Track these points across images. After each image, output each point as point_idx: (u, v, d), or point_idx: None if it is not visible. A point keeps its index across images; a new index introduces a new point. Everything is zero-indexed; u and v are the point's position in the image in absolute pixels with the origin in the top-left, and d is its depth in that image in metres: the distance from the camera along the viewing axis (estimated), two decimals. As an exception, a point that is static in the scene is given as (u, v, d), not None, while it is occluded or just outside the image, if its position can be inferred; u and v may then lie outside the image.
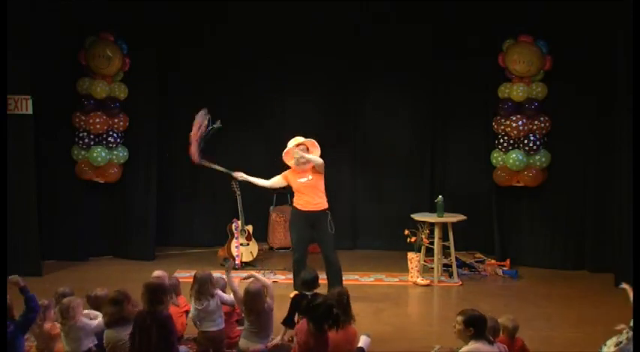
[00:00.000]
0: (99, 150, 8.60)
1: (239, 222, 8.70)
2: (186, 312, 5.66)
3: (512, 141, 8.59)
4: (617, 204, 7.83)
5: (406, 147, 9.71)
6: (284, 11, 9.23)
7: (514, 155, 8.49)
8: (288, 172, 7.20)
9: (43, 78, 8.15)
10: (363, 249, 9.71)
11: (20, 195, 7.82)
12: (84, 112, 8.58)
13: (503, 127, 8.60)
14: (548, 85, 8.45)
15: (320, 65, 9.55)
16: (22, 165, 7.90)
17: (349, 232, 9.66)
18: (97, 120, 8.55)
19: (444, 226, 7.96)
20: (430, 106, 9.50)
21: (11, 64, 7.25)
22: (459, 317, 4.28)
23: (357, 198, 9.82)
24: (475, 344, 4.20)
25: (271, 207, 9.77)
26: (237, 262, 8.51)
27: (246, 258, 8.70)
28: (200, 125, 6.81)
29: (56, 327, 5.00)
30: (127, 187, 9.00)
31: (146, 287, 4.74)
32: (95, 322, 4.95)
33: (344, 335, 4.73)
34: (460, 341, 4.32)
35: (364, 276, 8.24)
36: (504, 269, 8.40)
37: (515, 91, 8.46)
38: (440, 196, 8.05)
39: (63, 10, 8.27)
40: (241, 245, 8.66)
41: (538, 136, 8.50)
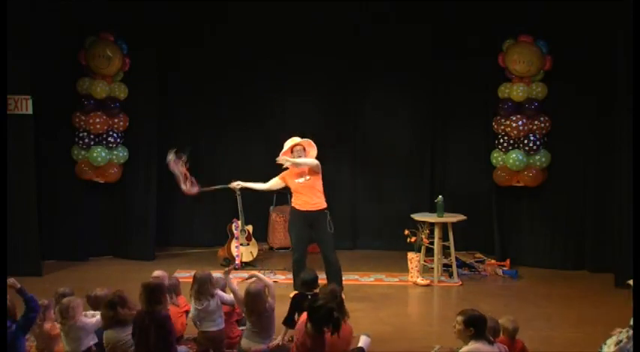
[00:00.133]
0: (99, 150, 8.60)
1: (239, 222, 8.70)
2: (186, 312, 5.65)
3: (512, 141, 8.59)
4: (617, 204, 7.83)
5: (406, 147, 9.71)
6: (284, 11, 9.23)
7: (514, 155, 8.49)
8: (285, 173, 7.21)
9: (43, 78, 8.15)
10: (363, 249, 9.71)
11: (20, 195, 7.82)
12: (84, 112, 8.58)
13: (503, 127, 8.60)
14: (548, 85, 8.45)
15: (320, 65, 9.55)
16: (22, 165, 7.90)
17: (349, 232, 9.66)
18: (97, 120, 8.55)
19: (444, 226, 7.96)
20: (430, 106, 9.51)
21: (11, 64, 7.25)
22: (459, 317, 4.28)
23: (357, 198, 9.82)
24: (475, 344, 4.20)
25: (271, 207, 9.77)
26: (237, 262, 8.51)
27: (246, 258, 8.70)
28: (177, 165, 6.95)
29: (56, 327, 5.00)
30: (127, 187, 9.00)
31: (144, 288, 4.74)
32: (94, 319, 4.95)
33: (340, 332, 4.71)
34: (460, 341, 4.32)
35: (364, 276, 8.24)
36: (504, 269, 8.40)
37: (515, 91, 8.46)
38: (440, 196, 8.05)
39: (63, 10, 8.27)
40: (241, 245, 8.67)
41: (538, 136, 8.50)
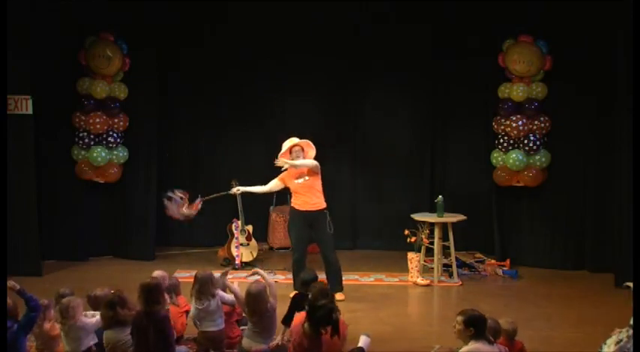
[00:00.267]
0: (99, 150, 8.60)
1: (239, 222, 8.70)
2: (186, 312, 5.65)
3: (512, 141, 8.58)
4: (617, 204, 7.83)
5: (406, 147, 9.70)
6: (284, 11, 9.22)
7: (514, 155, 8.49)
8: (284, 174, 7.21)
9: (43, 78, 8.14)
10: (363, 249, 9.70)
11: (20, 195, 7.82)
12: (84, 112, 8.58)
13: (503, 127, 8.60)
14: (548, 85, 8.44)
15: (320, 65, 9.55)
16: (22, 165, 7.90)
17: (349, 232, 9.66)
18: (97, 120, 8.54)
19: (444, 226, 7.95)
20: (430, 106, 9.50)
21: (11, 64, 7.24)
22: (459, 317, 4.28)
23: (357, 198, 9.82)
24: (475, 344, 4.20)
25: (271, 207, 9.77)
26: (237, 262, 8.51)
27: (246, 258, 8.69)
28: (174, 204, 7.09)
29: (56, 327, 5.00)
30: (127, 187, 8.99)
31: (142, 288, 4.72)
32: (94, 319, 4.95)
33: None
34: (460, 341, 4.32)
35: (364, 276, 8.23)
36: (504, 269, 8.40)
37: (515, 91, 8.46)
38: (440, 196, 8.05)
39: (63, 10, 8.26)
40: (241, 245, 8.67)
41: (538, 136, 8.49)
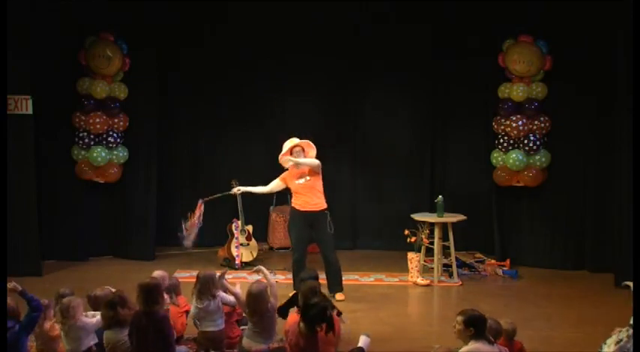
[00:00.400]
0: (99, 150, 8.59)
1: (239, 222, 8.69)
2: (186, 312, 5.64)
3: (512, 141, 8.58)
4: (617, 204, 7.83)
5: (406, 147, 9.70)
6: (284, 11, 9.22)
7: (514, 155, 8.49)
8: (285, 174, 7.21)
9: (43, 78, 8.14)
10: (363, 249, 9.70)
11: (20, 195, 7.81)
12: (84, 112, 8.57)
13: (503, 127, 8.60)
14: (548, 85, 8.44)
15: (320, 65, 9.55)
16: (22, 165, 7.89)
17: (349, 232, 9.65)
18: (97, 120, 8.54)
19: (444, 226, 7.95)
20: (430, 106, 9.50)
21: (11, 64, 7.24)
22: (459, 317, 4.27)
23: (357, 198, 9.81)
24: (475, 344, 4.19)
25: (271, 207, 9.76)
26: (237, 262, 8.50)
27: (246, 258, 8.69)
28: (186, 235, 7.49)
29: (56, 327, 4.99)
30: (127, 187, 8.99)
31: (141, 288, 4.71)
32: (94, 320, 4.95)
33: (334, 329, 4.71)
34: (460, 341, 4.32)
35: (364, 276, 8.23)
36: (504, 269, 8.40)
37: (515, 91, 8.46)
38: (440, 196, 8.05)
39: (63, 10, 8.26)
40: (241, 245, 8.66)
41: (538, 136, 8.49)
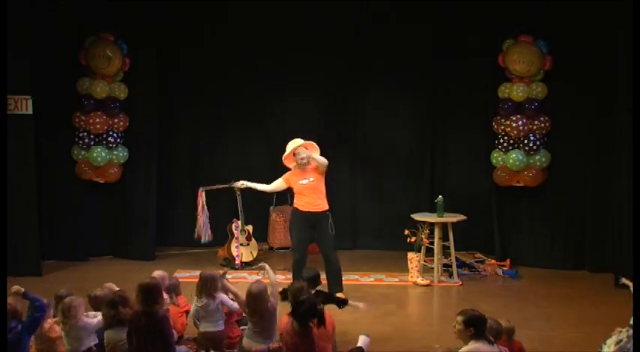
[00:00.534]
0: (99, 150, 8.59)
1: (239, 222, 8.69)
2: (186, 312, 5.65)
3: (512, 141, 8.58)
4: (617, 204, 7.83)
5: (406, 147, 9.70)
6: (284, 11, 9.23)
7: (514, 155, 8.49)
8: (288, 174, 7.19)
9: (43, 78, 8.15)
10: (363, 249, 9.70)
11: (20, 195, 7.82)
12: (84, 112, 8.58)
13: (503, 127, 8.60)
14: (548, 85, 8.45)
15: (320, 65, 9.55)
16: (22, 165, 7.90)
17: (349, 232, 9.65)
18: (97, 120, 8.54)
19: (444, 226, 7.95)
20: (430, 106, 9.50)
21: (11, 64, 7.25)
22: (459, 317, 4.27)
23: (357, 198, 9.81)
24: (475, 344, 4.19)
25: (271, 207, 9.76)
26: (237, 262, 8.50)
27: (246, 258, 8.69)
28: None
29: (55, 327, 5.00)
30: (127, 187, 8.99)
31: (140, 288, 4.71)
32: (95, 320, 4.95)
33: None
34: (460, 341, 4.32)
35: (364, 276, 8.23)
36: (504, 269, 8.40)
37: (515, 91, 8.46)
38: (440, 196, 8.05)
39: (63, 10, 8.27)
40: (241, 245, 8.66)
41: (538, 136, 8.49)
